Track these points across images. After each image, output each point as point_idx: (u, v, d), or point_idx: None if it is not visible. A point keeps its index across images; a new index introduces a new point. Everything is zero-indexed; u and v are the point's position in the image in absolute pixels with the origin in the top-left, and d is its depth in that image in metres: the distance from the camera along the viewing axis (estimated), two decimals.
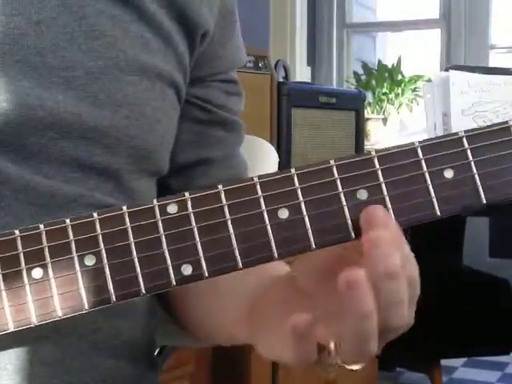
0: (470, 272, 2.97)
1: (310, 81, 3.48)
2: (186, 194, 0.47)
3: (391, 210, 0.47)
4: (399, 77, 3.42)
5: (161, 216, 0.46)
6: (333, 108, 2.50)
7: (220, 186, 0.47)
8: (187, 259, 0.46)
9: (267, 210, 0.47)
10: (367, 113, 3.17)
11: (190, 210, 0.47)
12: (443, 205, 0.47)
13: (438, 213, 0.48)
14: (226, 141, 0.72)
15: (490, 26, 3.58)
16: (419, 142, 0.48)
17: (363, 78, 3.51)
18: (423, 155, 0.48)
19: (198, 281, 0.47)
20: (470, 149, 0.48)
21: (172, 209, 0.47)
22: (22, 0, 0.56)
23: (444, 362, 2.98)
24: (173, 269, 0.46)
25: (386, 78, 3.42)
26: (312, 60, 3.69)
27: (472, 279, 2.91)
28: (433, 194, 0.47)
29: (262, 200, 0.47)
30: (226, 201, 0.47)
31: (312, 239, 0.47)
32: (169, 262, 0.46)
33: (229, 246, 0.47)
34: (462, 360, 3.31)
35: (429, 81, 3.16)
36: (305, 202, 0.47)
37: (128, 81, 0.60)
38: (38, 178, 0.55)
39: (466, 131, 0.48)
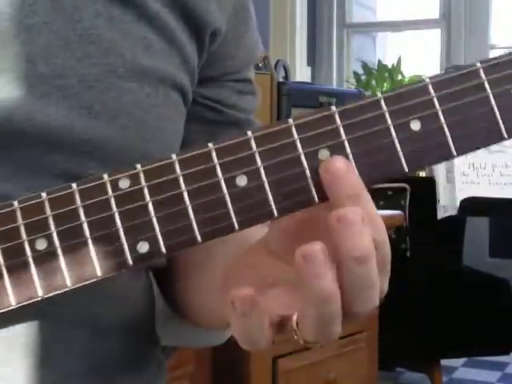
0: (470, 272, 2.97)
1: (310, 81, 3.48)
2: (138, 166, 0.44)
3: (355, 168, 0.44)
4: (399, 77, 3.43)
5: (112, 192, 0.44)
6: None
7: (174, 156, 0.44)
8: (143, 236, 0.44)
9: (224, 179, 0.44)
10: None
11: (143, 183, 0.44)
12: (410, 159, 0.44)
13: (406, 168, 0.44)
14: None
15: (490, 26, 3.58)
16: (382, 93, 0.44)
17: (363, 78, 3.51)
18: (387, 107, 0.44)
19: (156, 258, 0.44)
20: (437, 97, 0.44)
21: (124, 184, 0.44)
22: (13, 4, 0.53)
23: (444, 361, 2.98)
24: (128, 247, 0.44)
25: (386, 77, 3.42)
26: (312, 60, 3.69)
27: (472, 279, 2.92)
28: (399, 149, 0.44)
29: (218, 168, 0.44)
30: (181, 171, 0.44)
31: (273, 206, 0.44)
32: (123, 240, 0.44)
33: (186, 219, 0.44)
34: (462, 360, 3.31)
35: None
36: (264, 167, 0.44)
37: (126, 88, 0.56)
38: (30, 193, 0.53)
39: (431, 78, 0.44)
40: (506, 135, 0.44)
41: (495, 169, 2.76)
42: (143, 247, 0.44)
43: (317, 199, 0.44)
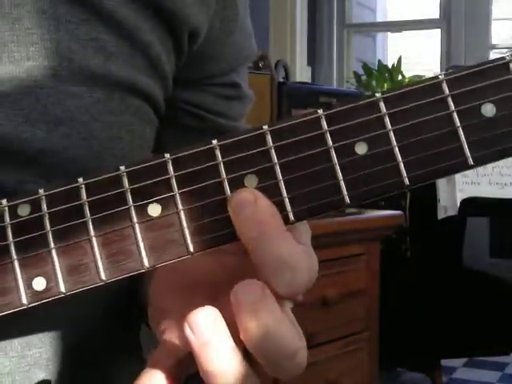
0: (470, 272, 2.97)
1: (310, 81, 3.48)
2: (41, 191, 0.39)
3: (286, 199, 0.38)
4: (399, 77, 3.43)
5: (10, 220, 0.39)
6: None
7: (80, 180, 0.39)
8: (40, 271, 0.38)
9: (135, 207, 0.38)
10: None
11: (45, 210, 0.39)
12: (353, 189, 0.37)
13: (348, 200, 0.37)
14: None
15: (490, 26, 3.58)
16: (323, 110, 0.38)
17: (363, 78, 3.51)
18: (328, 126, 0.38)
19: (54, 297, 0.39)
20: (389, 114, 0.37)
21: (23, 211, 0.39)
22: None
23: (444, 362, 2.98)
24: (23, 283, 0.38)
25: (386, 78, 3.42)
26: (312, 60, 3.69)
27: (472, 279, 2.92)
28: (340, 176, 0.37)
29: (129, 194, 0.38)
30: (87, 198, 0.39)
31: (189, 241, 0.38)
32: (18, 275, 0.38)
33: (89, 253, 0.38)
34: (462, 360, 3.32)
35: None
36: (180, 195, 0.38)
37: (71, 92, 0.51)
38: None
39: (383, 92, 0.38)
40: (471, 161, 0.37)
41: (495, 169, 2.76)
42: (40, 284, 0.39)
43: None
